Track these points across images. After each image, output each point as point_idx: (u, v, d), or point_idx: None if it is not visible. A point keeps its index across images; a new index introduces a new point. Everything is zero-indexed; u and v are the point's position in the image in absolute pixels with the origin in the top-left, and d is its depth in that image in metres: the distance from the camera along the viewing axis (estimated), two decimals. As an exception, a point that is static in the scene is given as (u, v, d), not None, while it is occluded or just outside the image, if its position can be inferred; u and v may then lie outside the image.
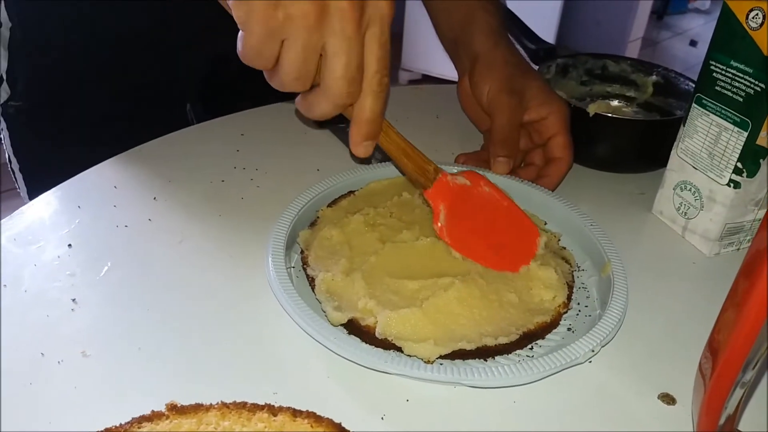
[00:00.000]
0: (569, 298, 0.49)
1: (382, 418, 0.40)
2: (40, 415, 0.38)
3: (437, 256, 0.50)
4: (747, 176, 0.53)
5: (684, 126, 0.57)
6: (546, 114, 0.61)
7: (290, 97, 0.77)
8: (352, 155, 0.48)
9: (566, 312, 0.48)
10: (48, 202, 0.57)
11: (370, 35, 0.40)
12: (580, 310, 0.50)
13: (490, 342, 0.44)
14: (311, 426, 0.34)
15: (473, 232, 0.51)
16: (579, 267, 0.53)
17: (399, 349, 0.43)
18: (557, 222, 0.56)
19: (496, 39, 0.65)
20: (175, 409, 0.34)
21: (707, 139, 0.55)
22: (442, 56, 0.74)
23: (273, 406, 0.35)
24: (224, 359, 0.43)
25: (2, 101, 0.73)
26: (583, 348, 0.43)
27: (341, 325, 0.45)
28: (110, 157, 0.63)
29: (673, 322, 0.50)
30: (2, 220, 0.54)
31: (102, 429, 0.33)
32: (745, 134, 0.51)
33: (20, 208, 0.56)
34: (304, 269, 0.50)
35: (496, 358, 0.44)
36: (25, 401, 0.39)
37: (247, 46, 0.38)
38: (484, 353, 0.44)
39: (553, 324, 0.47)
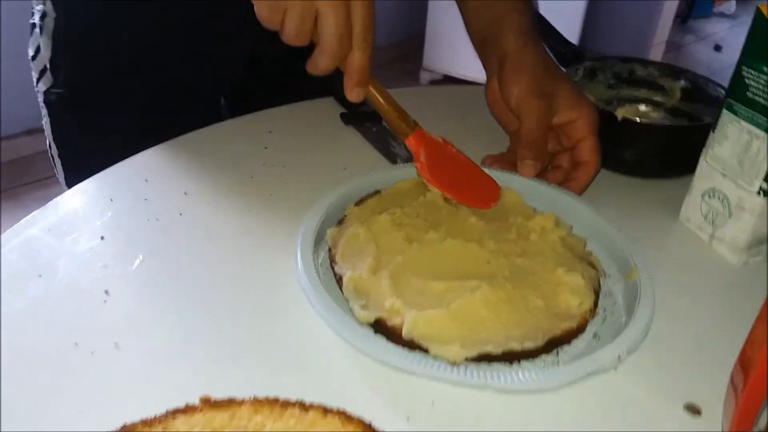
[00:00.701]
0: (596, 304, 0.49)
1: (408, 419, 0.40)
2: (74, 405, 0.39)
3: (464, 257, 0.50)
4: (778, 185, 0.52)
5: (714, 132, 0.57)
6: (575, 117, 0.61)
7: (320, 95, 0.78)
8: (347, 103, 0.58)
9: (592, 318, 0.48)
10: (82, 193, 0.58)
11: (354, 2, 0.49)
12: (606, 317, 0.49)
13: (516, 346, 0.44)
14: (342, 424, 0.34)
15: (447, 175, 0.57)
16: (605, 273, 0.53)
17: (425, 350, 0.43)
18: (583, 227, 0.56)
19: (525, 40, 0.65)
20: (209, 403, 0.35)
21: (737, 147, 0.54)
22: (463, 57, 0.74)
23: (304, 402, 0.35)
24: (255, 355, 0.44)
25: (45, 89, 0.75)
26: (610, 355, 0.43)
27: (368, 324, 0.46)
28: (147, 145, 0.64)
29: (699, 331, 0.49)
30: (37, 211, 0.55)
31: (138, 420, 0.34)
32: (778, 143, 0.51)
33: (54, 199, 0.57)
34: (332, 267, 0.50)
35: (521, 362, 0.45)
36: (58, 390, 0.40)
37: (260, 15, 0.49)
38: (510, 357, 0.44)
39: (579, 330, 0.47)
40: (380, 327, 0.45)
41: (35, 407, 0.39)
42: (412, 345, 0.44)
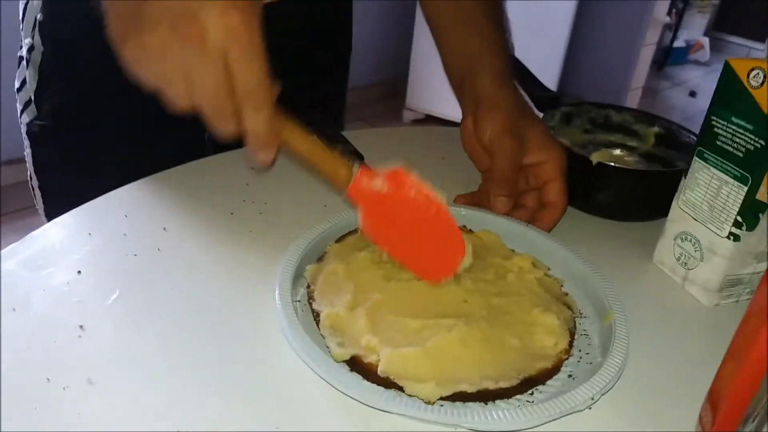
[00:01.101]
0: (571, 344, 0.49)
1: (385, 458, 0.40)
2: (44, 441, 0.39)
3: (441, 296, 0.51)
4: (747, 229, 0.54)
5: (685, 178, 0.59)
6: (545, 159, 0.63)
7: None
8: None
9: (567, 358, 0.49)
10: (60, 227, 0.58)
11: (232, 58, 0.43)
12: (581, 357, 0.50)
13: (490, 385, 0.44)
14: (316, 462, 0.34)
15: (395, 236, 0.52)
16: (581, 314, 0.54)
17: (401, 388, 0.44)
18: (561, 268, 0.57)
19: (501, 82, 0.66)
20: (182, 440, 0.34)
21: (708, 192, 0.56)
22: (445, 97, 0.76)
23: (279, 440, 0.35)
24: (232, 390, 0.44)
25: (28, 120, 0.75)
26: (583, 395, 0.43)
27: (344, 361, 0.46)
28: (128, 180, 0.64)
29: (672, 370, 0.50)
30: (14, 244, 0.55)
31: (108, 457, 0.34)
32: (746, 189, 0.53)
33: (32, 233, 0.56)
34: (310, 303, 0.50)
35: (496, 402, 0.45)
36: (29, 425, 0.39)
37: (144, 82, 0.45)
38: (485, 396, 0.44)
39: (554, 370, 0.47)
40: (356, 364, 0.45)
41: (3, 444, 0.38)
42: (387, 383, 0.44)
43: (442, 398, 0.43)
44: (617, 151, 0.76)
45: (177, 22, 0.42)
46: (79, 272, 0.52)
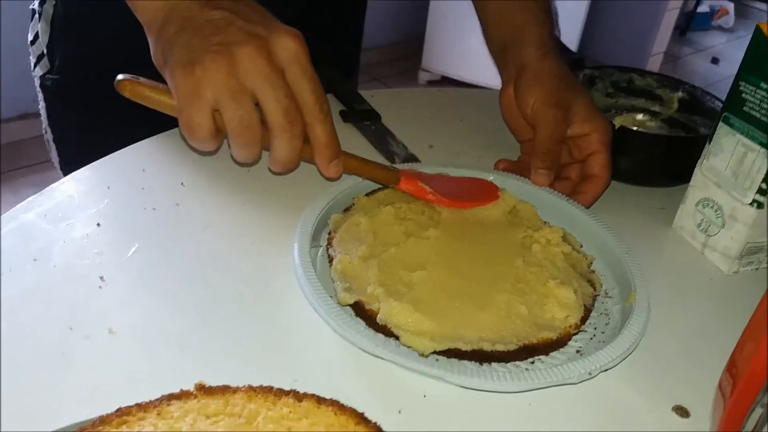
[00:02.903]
0: (584, 320, 0.48)
1: (399, 412, 0.41)
2: (69, 389, 0.39)
3: (457, 257, 0.51)
4: (771, 197, 0.53)
5: (709, 144, 0.58)
6: (589, 130, 0.61)
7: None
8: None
9: (577, 333, 0.48)
10: (78, 180, 0.58)
11: (292, 75, 0.46)
12: (594, 335, 0.49)
13: (486, 347, 0.44)
14: (335, 414, 0.34)
15: (450, 191, 0.57)
16: (606, 293, 0.53)
17: (398, 338, 0.44)
18: (594, 245, 0.56)
19: (545, 51, 0.65)
20: (204, 389, 0.35)
21: (732, 159, 0.55)
22: (461, 58, 0.74)
23: (298, 392, 0.35)
24: (250, 343, 0.44)
25: (41, 74, 0.75)
26: (580, 369, 0.42)
27: (350, 307, 0.46)
28: (141, 135, 0.64)
29: (689, 337, 0.50)
30: (33, 196, 0.55)
31: (132, 404, 0.34)
32: (772, 155, 0.52)
33: (51, 185, 0.57)
34: (327, 249, 0.51)
35: (492, 364, 0.45)
36: (53, 374, 0.40)
37: (192, 131, 0.47)
38: (480, 357, 0.44)
39: (559, 343, 0.46)
40: (360, 310, 0.46)
41: (30, 391, 0.39)
42: (387, 332, 0.44)
43: (438, 353, 0.43)
44: (640, 116, 0.75)
45: (244, 42, 0.44)
46: (98, 225, 0.53)
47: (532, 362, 0.46)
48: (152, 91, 0.49)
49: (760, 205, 0.54)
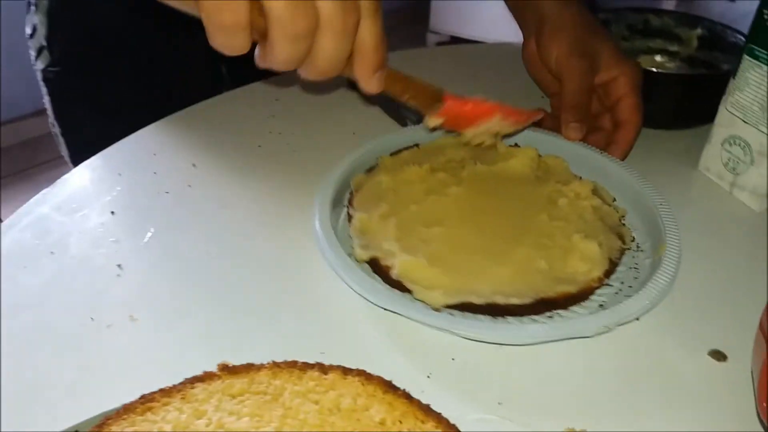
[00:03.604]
0: (609, 274, 0.46)
1: (429, 377, 0.40)
2: (92, 378, 0.39)
3: (479, 213, 0.49)
4: (801, 129, 0.51)
5: (734, 79, 0.55)
6: (616, 74, 0.58)
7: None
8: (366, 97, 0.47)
9: (599, 287, 0.46)
10: (89, 169, 0.58)
11: None
12: (620, 289, 0.47)
13: (500, 300, 0.43)
14: (362, 384, 0.34)
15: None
16: (639, 247, 0.50)
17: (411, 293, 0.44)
18: (629, 199, 0.53)
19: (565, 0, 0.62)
20: (227, 369, 0.34)
21: (759, 92, 0.53)
22: (469, 18, 0.72)
23: (323, 364, 0.35)
24: (271, 319, 0.44)
25: (43, 67, 0.74)
26: (597, 323, 0.41)
27: (368, 264, 0.46)
28: (148, 122, 0.63)
29: (722, 279, 0.48)
30: (45, 189, 0.55)
31: (156, 389, 0.34)
32: (801, 85, 0.49)
33: (62, 177, 0.56)
34: (347, 209, 0.50)
35: (507, 318, 0.43)
36: (76, 364, 0.40)
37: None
38: (494, 311, 0.43)
39: (580, 296, 0.45)
40: (375, 266, 0.46)
41: (55, 382, 0.39)
42: (403, 288, 0.44)
43: (451, 307, 0.42)
44: (658, 57, 0.72)
45: None
46: (112, 213, 0.52)
47: (551, 317, 0.44)
48: None
49: (790, 138, 0.51)
